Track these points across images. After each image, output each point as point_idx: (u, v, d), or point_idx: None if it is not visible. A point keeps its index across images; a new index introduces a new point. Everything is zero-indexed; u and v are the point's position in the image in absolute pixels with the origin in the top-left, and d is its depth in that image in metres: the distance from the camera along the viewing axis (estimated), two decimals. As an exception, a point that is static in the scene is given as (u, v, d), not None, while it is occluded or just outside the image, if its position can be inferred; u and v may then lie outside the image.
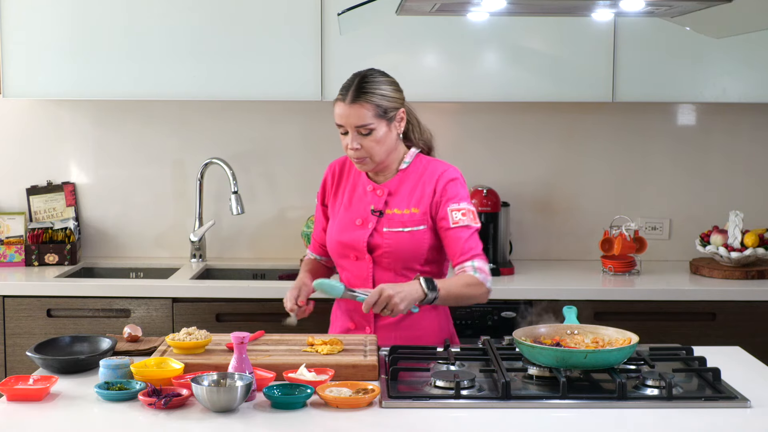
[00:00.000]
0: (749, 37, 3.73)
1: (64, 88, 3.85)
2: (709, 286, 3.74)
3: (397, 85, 2.79)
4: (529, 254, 4.24)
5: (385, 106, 2.71)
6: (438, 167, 2.81)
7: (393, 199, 2.80)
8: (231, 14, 3.80)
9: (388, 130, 2.73)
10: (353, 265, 2.81)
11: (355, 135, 2.71)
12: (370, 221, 2.79)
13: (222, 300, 3.63)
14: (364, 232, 2.78)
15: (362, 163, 2.77)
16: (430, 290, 2.61)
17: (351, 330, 2.85)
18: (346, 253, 2.83)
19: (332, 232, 2.86)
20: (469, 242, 2.73)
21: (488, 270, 2.75)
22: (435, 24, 3.78)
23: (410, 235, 2.76)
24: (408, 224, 2.76)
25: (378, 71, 2.78)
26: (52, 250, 4.02)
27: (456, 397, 2.28)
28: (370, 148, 2.72)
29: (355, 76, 2.75)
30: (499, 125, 4.20)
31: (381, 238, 2.77)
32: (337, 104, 2.73)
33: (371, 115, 2.69)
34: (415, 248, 2.77)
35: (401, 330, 2.80)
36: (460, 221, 2.74)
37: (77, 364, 2.50)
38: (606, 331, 2.55)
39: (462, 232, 2.73)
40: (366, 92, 2.69)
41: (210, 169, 4.14)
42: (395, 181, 2.81)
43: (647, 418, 2.20)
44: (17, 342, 3.63)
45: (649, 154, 4.22)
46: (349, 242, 2.80)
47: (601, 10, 2.87)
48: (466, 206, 2.77)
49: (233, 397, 2.18)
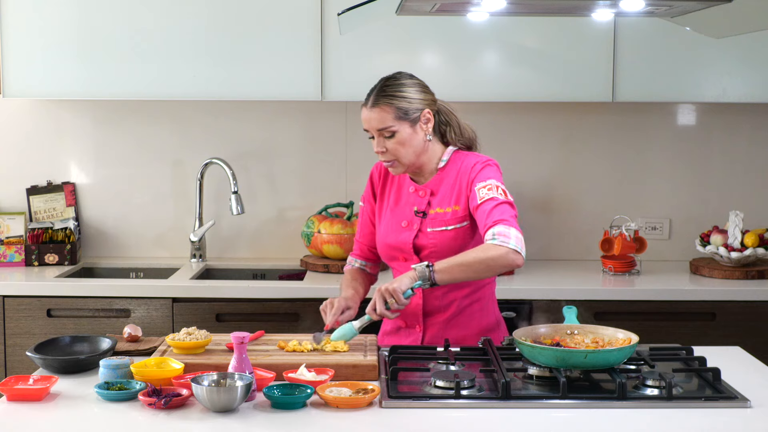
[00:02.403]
0: (749, 37, 3.73)
1: (64, 88, 3.85)
2: (709, 286, 3.74)
3: (423, 86, 2.77)
4: (529, 254, 4.17)
5: (406, 107, 2.70)
6: (472, 159, 2.78)
7: (435, 199, 2.79)
8: (231, 14, 3.80)
9: (412, 131, 2.72)
10: (403, 266, 2.80)
11: (379, 138, 2.72)
12: (415, 222, 2.79)
13: (222, 300, 3.63)
14: (410, 233, 2.78)
15: (393, 167, 2.77)
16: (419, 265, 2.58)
17: (402, 328, 2.85)
18: (395, 255, 2.83)
19: (380, 234, 2.87)
20: (492, 213, 2.62)
21: (513, 234, 2.57)
22: (435, 24, 3.78)
23: (455, 233, 2.75)
24: (451, 222, 2.75)
25: (405, 74, 2.77)
26: (52, 250, 4.02)
27: (456, 397, 2.28)
28: (395, 150, 2.72)
29: (380, 80, 2.76)
30: (498, 125, 4.20)
31: (426, 238, 2.76)
32: (362, 109, 2.74)
33: (391, 118, 2.69)
34: (462, 245, 2.74)
35: (450, 328, 2.80)
36: (485, 196, 2.67)
37: (77, 364, 2.50)
38: (606, 331, 2.55)
39: (487, 205, 2.65)
40: (386, 95, 2.70)
41: (210, 169, 4.14)
42: (435, 181, 2.80)
43: (647, 418, 2.20)
44: (17, 342, 3.63)
45: (649, 154, 4.22)
46: (396, 244, 2.81)
47: (601, 10, 2.87)
48: (493, 182, 2.70)
49: (233, 397, 2.18)
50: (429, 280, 2.56)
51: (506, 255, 2.55)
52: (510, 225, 2.60)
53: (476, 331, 2.81)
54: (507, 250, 2.55)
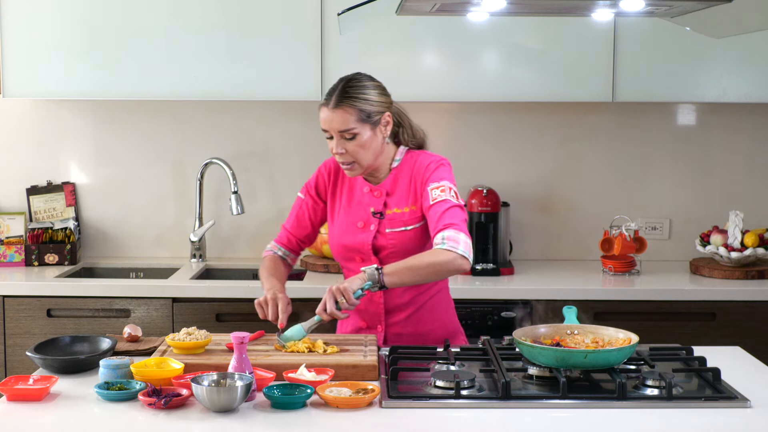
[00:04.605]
0: (749, 37, 3.73)
1: (64, 88, 3.85)
2: (709, 286, 3.74)
3: (382, 89, 2.77)
4: (529, 254, 4.24)
5: (369, 110, 2.69)
6: (426, 158, 2.79)
7: (391, 199, 2.79)
8: (231, 14, 3.80)
9: (372, 134, 2.71)
10: (360, 266, 2.80)
11: (339, 139, 2.70)
12: (372, 223, 2.79)
13: (222, 300, 3.63)
14: (368, 234, 2.78)
15: (351, 169, 2.75)
16: (368, 267, 2.59)
17: (362, 329, 2.86)
18: (351, 256, 2.83)
19: (334, 235, 2.86)
20: (443, 216, 2.64)
21: (462, 239, 2.60)
22: (435, 24, 3.78)
23: (414, 233, 2.76)
24: (410, 222, 2.76)
25: (364, 75, 2.76)
26: (52, 250, 4.02)
27: (456, 397, 2.28)
28: (355, 152, 2.71)
29: (340, 80, 2.74)
30: (498, 125, 4.20)
31: (385, 239, 2.77)
32: (322, 109, 2.72)
33: (354, 120, 2.68)
34: (421, 245, 2.76)
35: (411, 326, 2.82)
36: (438, 197, 2.69)
37: (77, 364, 2.50)
38: (606, 331, 2.55)
39: (439, 207, 2.67)
40: (349, 97, 2.68)
41: (210, 169, 4.14)
42: (390, 181, 2.81)
43: (647, 418, 2.20)
44: (17, 342, 3.63)
45: (649, 154, 4.22)
46: (353, 245, 2.80)
47: (601, 10, 2.87)
48: (446, 184, 2.71)
49: (233, 397, 2.18)
50: (378, 283, 2.58)
51: (454, 260, 2.59)
52: (459, 230, 2.63)
53: (437, 325, 2.85)
54: (455, 256, 2.59)
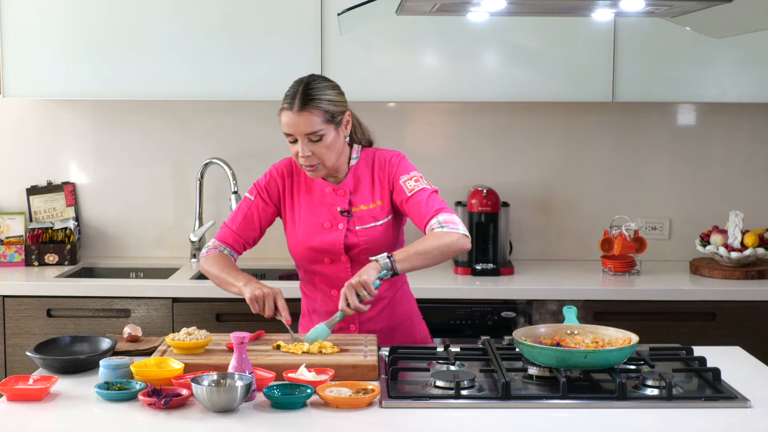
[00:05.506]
0: (749, 37, 3.73)
1: (64, 88, 3.85)
2: (709, 286, 3.74)
3: (339, 89, 2.78)
4: (529, 254, 4.24)
5: (333, 110, 2.70)
6: (384, 154, 2.85)
7: (356, 197, 2.81)
8: (231, 14, 3.80)
9: (336, 134, 2.73)
10: (328, 268, 2.81)
11: (306, 142, 2.69)
12: (340, 222, 2.79)
13: (222, 300, 3.62)
14: (337, 234, 2.79)
15: (315, 171, 2.75)
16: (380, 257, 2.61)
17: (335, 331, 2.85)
18: (319, 258, 2.82)
19: (298, 238, 2.84)
20: (429, 203, 2.73)
21: (457, 220, 2.70)
22: (435, 24, 3.78)
23: (383, 228, 2.80)
24: (379, 217, 2.80)
25: (320, 76, 2.77)
26: (52, 250, 4.02)
27: (456, 397, 2.28)
28: (321, 154, 2.71)
29: (297, 83, 2.73)
30: (498, 125, 4.20)
31: (356, 237, 2.78)
32: (284, 113, 2.71)
33: (320, 121, 2.68)
34: (390, 239, 2.81)
35: (382, 321, 2.85)
36: (414, 188, 2.76)
37: (77, 364, 2.50)
38: (606, 331, 2.55)
39: (419, 196, 2.75)
40: (313, 98, 2.68)
41: (210, 169, 4.14)
42: (351, 179, 2.82)
43: (647, 418, 2.20)
44: (17, 342, 3.63)
45: (648, 154, 4.22)
46: (322, 246, 2.80)
47: (601, 10, 2.87)
48: (416, 174, 2.80)
49: (233, 397, 2.18)
50: (391, 270, 2.61)
51: (458, 240, 2.67)
52: (451, 212, 2.73)
53: (405, 317, 2.91)
54: (459, 235, 2.67)
